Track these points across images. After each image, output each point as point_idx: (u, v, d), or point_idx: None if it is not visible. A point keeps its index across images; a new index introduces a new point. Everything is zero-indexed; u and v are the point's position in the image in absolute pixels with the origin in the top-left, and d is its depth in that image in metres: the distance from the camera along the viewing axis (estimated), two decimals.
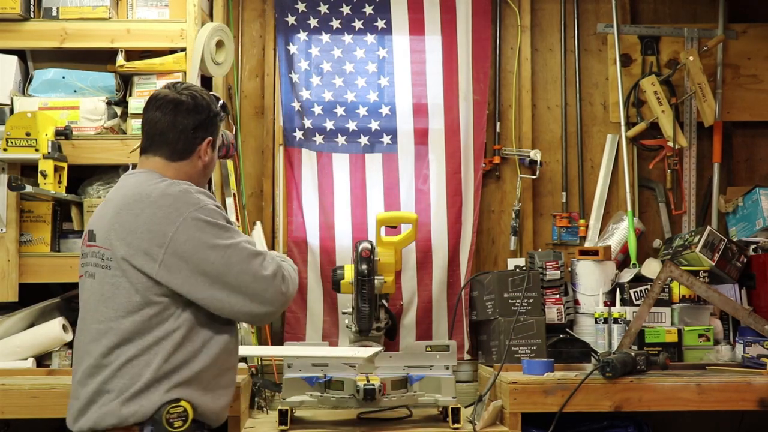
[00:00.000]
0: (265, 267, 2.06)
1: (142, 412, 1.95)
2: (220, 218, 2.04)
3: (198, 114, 2.14)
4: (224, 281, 2.00)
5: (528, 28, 3.85)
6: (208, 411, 2.04)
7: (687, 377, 2.83)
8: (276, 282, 2.07)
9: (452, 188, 3.68)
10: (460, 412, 2.82)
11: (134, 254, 1.99)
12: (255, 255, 2.05)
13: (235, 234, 2.06)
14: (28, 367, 3.05)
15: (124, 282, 2.00)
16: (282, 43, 3.73)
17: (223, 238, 2.01)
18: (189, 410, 1.97)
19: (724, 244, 3.38)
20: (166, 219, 1.99)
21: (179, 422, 1.95)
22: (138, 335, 1.98)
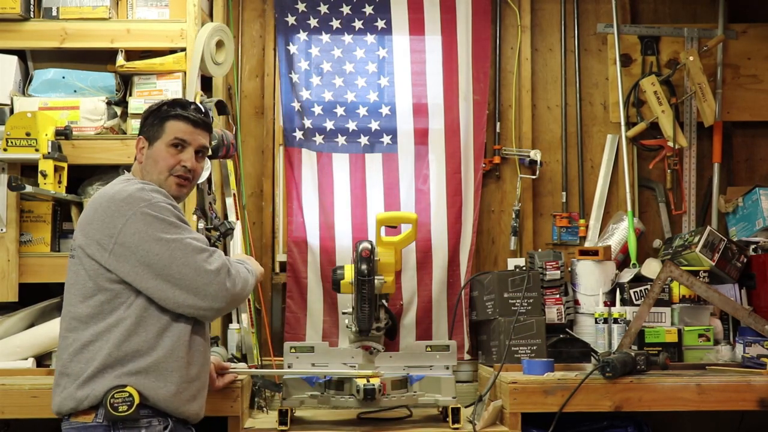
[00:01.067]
0: (209, 262, 2.14)
1: (93, 395, 2.07)
2: (169, 215, 2.14)
3: (143, 118, 2.35)
4: (167, 273, 2.11)
5: (528, 28, 3.85)
6: (163, 400, 2.11)
7: (687, 377, 2.83)
8: (220, 278, 2.14)
9: (452, 188, 3.68)
10: (460, 412, 2.82)
11: (89, 243, 2.15)
12: (200, 250, 2.14)
13: (183, 231, 2.15)
14: (28, 367, 3.04)
15: (81, 269, 2.15)
16: (282, 43, 3.73)
17: (168, 233, 2.12)
18: (135, 396, 2.06)
19: (724, 244, 3.38)
20: (117, 212, 2.13)
21: (124, 407, 2.05)
22: (92, 320, 2.12)
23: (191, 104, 2.35)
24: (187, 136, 2.30)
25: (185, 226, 2.18)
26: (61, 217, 3.23)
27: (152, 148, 2.29)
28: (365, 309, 2.89)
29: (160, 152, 2.28)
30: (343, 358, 3.06)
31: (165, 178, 2.27)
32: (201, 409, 2.25)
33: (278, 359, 3.34)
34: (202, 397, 2.26)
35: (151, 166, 2.29)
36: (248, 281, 2.28)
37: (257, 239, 3.70)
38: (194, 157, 2.31)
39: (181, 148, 2.29)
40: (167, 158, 2.28)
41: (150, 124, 2.31)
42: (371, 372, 2.81)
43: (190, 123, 2.30)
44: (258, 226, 3.72)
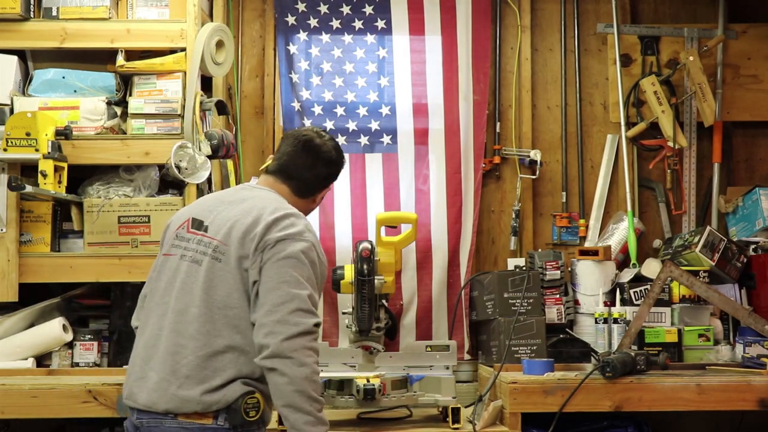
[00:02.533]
0: (298, 324, 2.03)
1: (224, 400, 2.05)
2: (308, 262, 2.10)
3: (334, 166, 2.36)
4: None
5: (528, 28, 3.85)
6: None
7: (687, 377, 2.83)
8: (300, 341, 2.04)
9: (452, 188, 3.68)
10: (460, 412, 2.82)
11: (245, 257, 2.10)
12: (304, 310, 2.05)
13: (309, 285, 2.08)
14: (28, 367, 3.05)
15: (231, 277, 2.09)
16: (282, 43, 3.73)
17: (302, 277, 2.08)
18: (261, 402, 2.09)
19: (724, 244, 3.38)
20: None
21: (253, 411, 2.07)
22: (236, 330, 2.09)
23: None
24: None
25: (313, 282, 2.17)
26: (61, 217, 3.23)
27: (320, 198, 2.40)
28: (365, 309, 2.89)
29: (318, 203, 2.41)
30: (343, 358, 3.06)
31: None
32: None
33: None
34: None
35: (311, 208, 2.40)
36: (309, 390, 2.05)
37: None
38: None
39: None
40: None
41: (337, 176, 2.40)
42: (372, 374, 2.81)
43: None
44: None
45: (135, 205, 3.17)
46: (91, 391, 2.72)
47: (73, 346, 3.16)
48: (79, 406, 2.72)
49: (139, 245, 3.16)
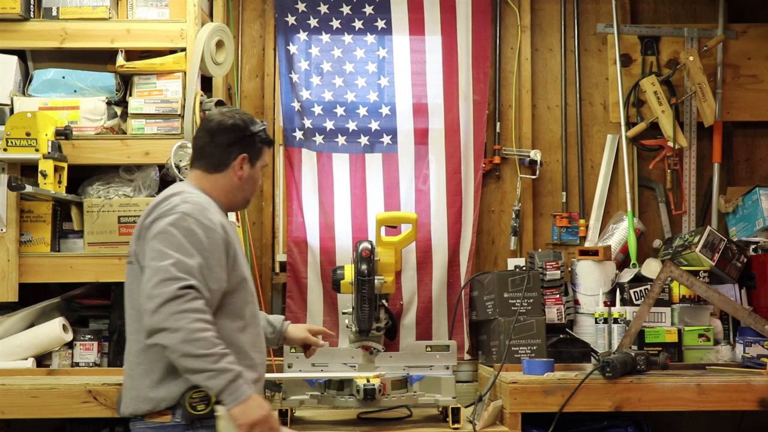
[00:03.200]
0: (159, 294, 2.01)
1: (170, 397, 2.09)
2: (179, 232, 2.08)
3: (233, 132, 2.28)
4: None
5: (528, 28, 3.85)
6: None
7: (687, 377, 2.83)
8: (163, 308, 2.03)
9: (452, 188, 3.68)
10: (460, 412, 2.82)
11: (138, 251, 2.16)
12: (165, 279, 2.02)
13: (176, 253, 2.05)
14: (28, 367, 3.05)
15: (138, 275, 2.13)
16: (282, 43, 3.73)
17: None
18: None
19: (724, 244, 3.38)
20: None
21: (202, 405, 2.07)
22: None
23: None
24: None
25: (189, 249, 2.14)
26: (61, 217, 3.23)
27: (254, 169, 2.33)
28: (365, 309, 2.90)
29: (257, 175, 2.35)
30: (343, 358, 3.06)
31: (249, 199, 2.38)
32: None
33: (278, 359, 3.34)
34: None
35: (250, 185, 2.33)
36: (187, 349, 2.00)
37: (257, 239, 3.70)
38: None
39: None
40: (257, 182, 2.36)
41: (257, 148, 2.33)
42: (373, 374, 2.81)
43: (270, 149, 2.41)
44: (258, 226, 3.72)
45: (135, 205, 3.17)
46: (91, 391, 2.72)
47: (73, 346, 3.16)
48: (79, 406, 2.72)
49: None
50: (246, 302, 2.22)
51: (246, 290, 2.23)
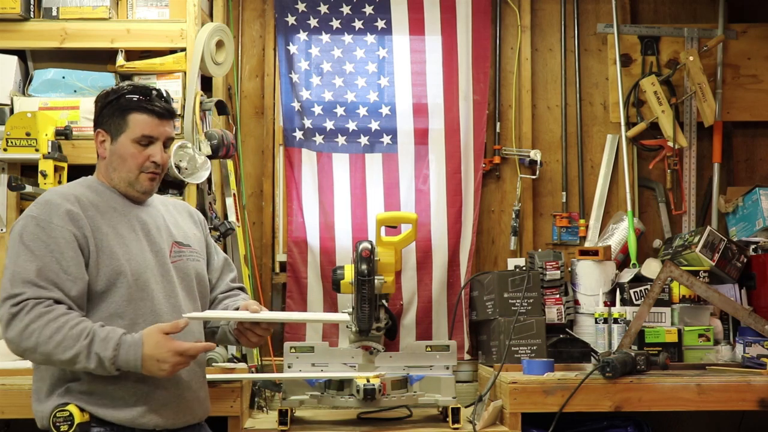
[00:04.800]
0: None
1: (44, 416, 2.05)
2: (18, 240, 1.99)
3: (95, 108, 2.21)
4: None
5: (528, 28, 3.85)
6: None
7: (687, 377, 2.83)
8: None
9: (452, 188, 3.68)
10: (460, 412, 2.82)
11: None
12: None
13: (10, 264, 1.97)
14: (28, 367, 3.03)
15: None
16: (282, 43, 3.73)
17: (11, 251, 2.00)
18: (74, 412, 2.01)
19: (724, 244, 3.38)
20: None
21: (65, 425, 2.00)
22: None
23: (152, 91, 2.15)
24: (154, 131, 2.13)
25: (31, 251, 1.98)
26: None
27: (116, 143, 2.13)
28: (365, 309, 2.89)
29: (126, 149, 2.12)
30: (343, 358, 3.06)
31: (136, 176, 2.14)
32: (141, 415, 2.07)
33: (278, 359, 3.34)
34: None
35: (118, 163, 2.13)
36: (45, 347, 1.90)
37: (257, 239, 3.70)
38: (161, 150, 2.16)
39: (148, 143, 2.13)
40: (136, 156, 2.12)
41: (109, 116, 2.14)
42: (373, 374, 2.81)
43: (156, 116, 2.13)
44: (258, 226, 3.72)
45: None
46: None
47: None
48: None
49: None
50: (131, 299, 2.03)
51: (128, 285, 2.03)
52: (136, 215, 2.15)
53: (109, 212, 2.10)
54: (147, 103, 2.12)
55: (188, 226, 2.33)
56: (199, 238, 2.35)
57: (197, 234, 2.35)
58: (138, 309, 2.05)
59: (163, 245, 2.17)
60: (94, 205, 2.08)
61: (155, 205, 2.26)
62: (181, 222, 2.31)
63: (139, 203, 2.20)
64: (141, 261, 2.08)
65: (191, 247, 2.27)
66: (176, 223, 2.28)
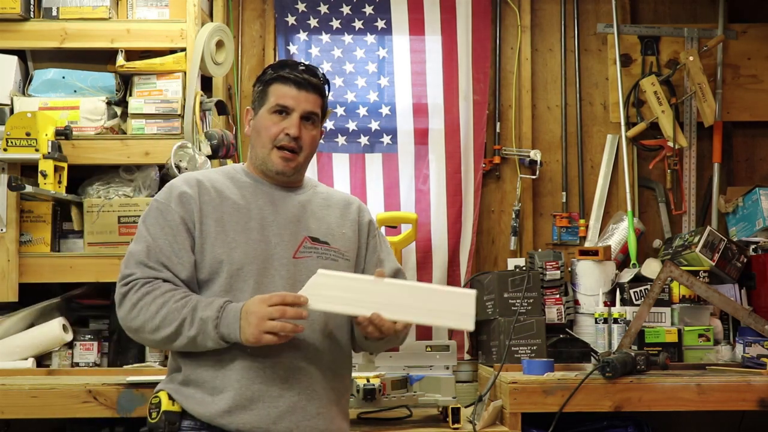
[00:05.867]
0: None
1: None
2: (142, 220, 1.98)
3: (253, 86, 2.11)
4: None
5: (528, 28, 3.85)
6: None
7: (687, 377, 2.83)
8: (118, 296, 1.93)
9: (452, 188, 3.68)
10: (460, 412, 2.82)
11: None
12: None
13: (135, 241, 1.95)
14: (28, 367, 3.05)
15: None
16: (282, 43, 3.73)
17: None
18: (163, 400, 1.95)
19: (724, 244, 3.38)
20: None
21: (154, 413, 1.95)
22: None
23: (299, 64, 2.03)
24: (290, 100, 1.98)
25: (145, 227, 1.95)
26: (61, 217, 3.23)
27: (257, 118, 2.02)
28: None
29: (263, 121, 1.99)
30: None
31: (269, 151, 1.99)
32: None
33: None
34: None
35: (255, 138, 2.02)
36: (151, 324, 1.86)
37: None
38: (299, 123, 1.98)
39: (285, 115, 1.98)
40: (269, 127, 1.98)
41: (256, 92, 2.05)
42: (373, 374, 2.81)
43: (293, 85, 1.99)
44: None
45: (135, 205, 3.17)
46: (91, 391, 2.72)
47: (73, 346, 3.16)
48: (79, 406, 2.72)
49: None
50: (229, 290, 1.91)
51: (228, 276, 1.91)
52: (264, 204, 2.00)
53: (232, 198, 1.98)
54: (287, 73, 2.00)
55: (337, 222, 2.08)
56: (349, 237, 2.09)
57: (346, 233, 2.09)
58: (236, 300, 1.89)
59: (288, 238, 1.98)
60: (218, 190, 1.98)
61: (306, 195, 2.08)
62: (330, 217, 2.08)
63: (289, 189, 2.05)
64: (246, 252, 1.93)
65: (329, 245, 2.03)
66: (322, 217, 2.06)
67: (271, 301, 1.79)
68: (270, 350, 1.85)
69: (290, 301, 1.79)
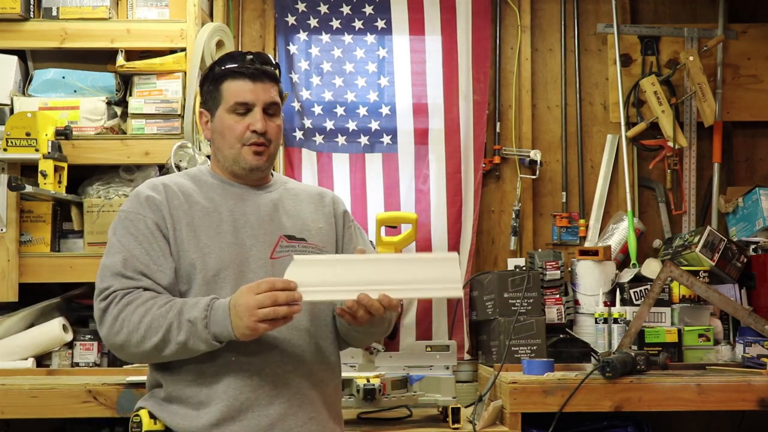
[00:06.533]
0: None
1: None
2: (112, 232, 1.89)
3: (200, 87, 2.04)
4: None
5: (528, 28, 3.85)
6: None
7: (687, 377, 2.83)
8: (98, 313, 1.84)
9: (452, 188, 3.68)
10: (460, 412, 2.82)
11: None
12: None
13: (108, 253, 1.86)
14: (28, 367, 3.05)
15: None
16: (282, 43, 3.74)
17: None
18: (143, 419, 1.89)
19: (724, 244, 3.38)
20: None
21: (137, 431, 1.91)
22: None
23: (246, 54, 1.93)
24: (249, 95, 1.89)
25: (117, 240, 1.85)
26: (61, 217, 3.23)
27: (215, 119, 1.92)
28: None
29: (223, 122, 1.90)
30: (343, 359, 3.05)
31: (238, 151, 1.90)
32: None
33: None
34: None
35: (220, 140, 1.92)
36: (137, 337, 1.75)
37: None
38: (263, 117, 1.89)
39: (246, 111, 1.89)
40: (233, 128, 1.89)
41: (207, 92, 1.95)
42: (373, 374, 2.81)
43: (248, 78, 1.89)
44: None
45: None
46: (91, 391, 2.72)
47: (73, 346, 3.16)
48: (79, 406, 2.72)
49: None
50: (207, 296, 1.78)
51: (203, 282, 1.82)
52: (234, 205, 1.92)
53: (201, 202, 1.90)
54: (238, 68, 1.90)
55: (311, 217, 2.00)
56: (325, 230, 2.01)
57: (322, 227, 2.00)
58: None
59: (263, 239, 1.90)
60: (186, 194, 1.90)
61: (277, 192, 2.00)
62: (304, 213, 2.00)
63: (259, 187, 1.98)
64: (221, 257, 1.84)
65: (306, 241, 1.94)
66: (296, 213, 1.98)
67: (259, 288, 1.68)
68: (255, 358, 1.80)
69: (280, 286, 1.68)
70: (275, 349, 1.82)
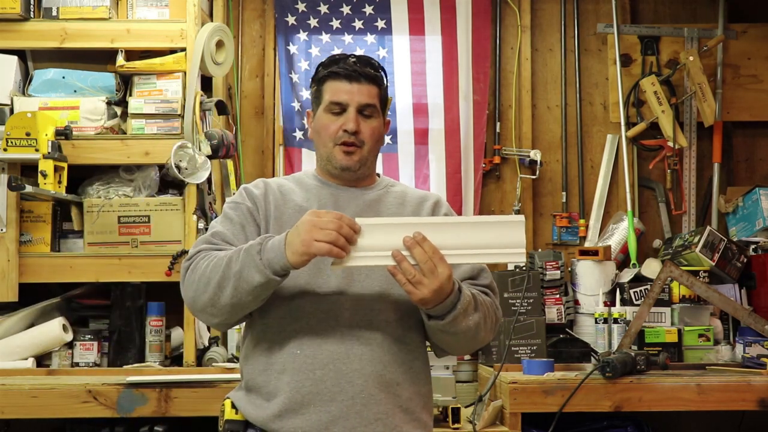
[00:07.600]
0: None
1: None
2: (220, 216, 1.96)
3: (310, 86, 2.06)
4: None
5: (528, 28, 3.85)
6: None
7: (687, 377, 2.83)
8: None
9: (452, 188, 3.68)
10: (460, 412, 2.82)
11: None
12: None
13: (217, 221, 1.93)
14: (28, 367, 3.05)
15: None
16: (282, 43, 3.74)
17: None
18: (226, 408, 1.93)
19: (724, 244, 3.38)
20: None
21: (222, 420, 1.93)
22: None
23: (350, 56, 1.95)
24: (344, 95, 1.90)
25: (221, 220, 1.92)
26: (61, 217, 3.23)
27: (315, 119, 1.96)
28: None
29: (321, 121, 1.93)
30: None
31: (331, 149, 1.91)
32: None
33: None
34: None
35: (317, 139, 1.96)
36: (203, 285, 1.76)
37: None
38: (356, 117, 1.89)
39: (341, 111, 1.90)
40: (327, 126, 1.91)
41: (312, 93, 2.00)
42: None
43: (345, 79, 1.91)
44: None
45: (135, 205, 3.17)
46: (91, 391, 2.72)
47: (73, 346, 3.16)
48: (79, 406, 2.72)
49: (139, 245, 3.16)
50: (277, 291, 1.78)
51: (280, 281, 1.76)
52: (326, 203, 1.92)
53: (296, 200, 1.92)
54: (338, 68, 1.92)
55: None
56: None
57: None
58: (289, 299, 1.83)
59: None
60: (283, 192, 1.93)
61: (376, 194, 1.98)
62: (402, 215, 1.96)
63: (359, 188, 1.97)
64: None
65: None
66: (392, 214, 1.96)
67: (327, 214, 1.68)
68: (320, 353, 1.78)
69: (347, 221, 1.67)
70: (342, 346, 1.79)
